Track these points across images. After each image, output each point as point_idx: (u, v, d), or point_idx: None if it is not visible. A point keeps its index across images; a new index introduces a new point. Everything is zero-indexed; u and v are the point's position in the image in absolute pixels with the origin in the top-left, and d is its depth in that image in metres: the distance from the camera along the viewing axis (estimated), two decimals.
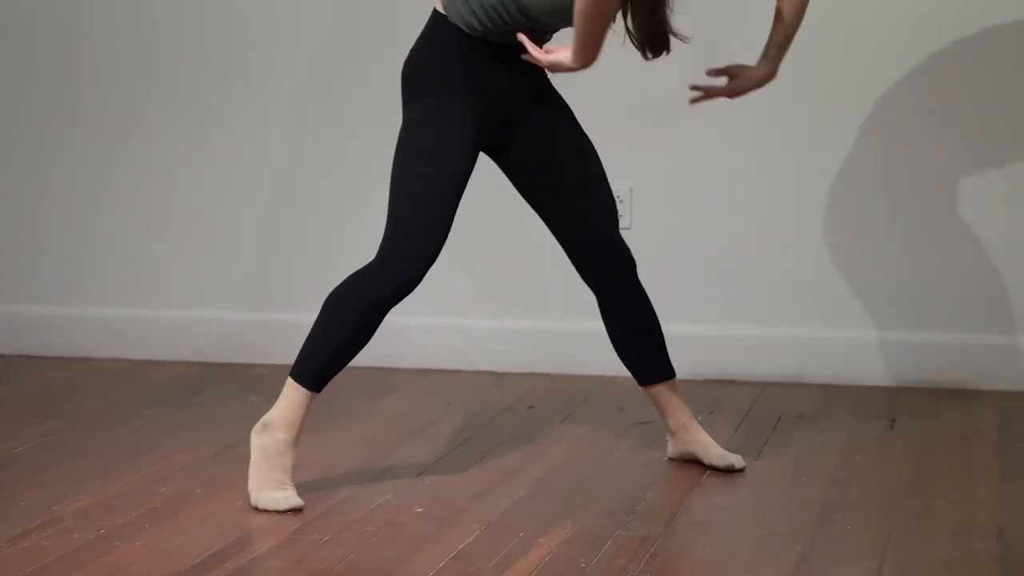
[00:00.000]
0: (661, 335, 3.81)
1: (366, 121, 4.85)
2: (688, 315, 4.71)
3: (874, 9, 4.55)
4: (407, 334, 4.84)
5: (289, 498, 3.49)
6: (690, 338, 4.70)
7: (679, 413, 3.83)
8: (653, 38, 3.43)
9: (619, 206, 4.67)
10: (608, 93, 4.65)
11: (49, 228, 5.14)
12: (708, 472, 3.75)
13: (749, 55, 3.71)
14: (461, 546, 3.24)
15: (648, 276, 4.73)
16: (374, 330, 3.55)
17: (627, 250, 3.77)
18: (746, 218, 4.68)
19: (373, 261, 3.52)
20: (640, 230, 4.72)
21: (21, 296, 5.18)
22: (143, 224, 5.07)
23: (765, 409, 4.37)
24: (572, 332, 4.78)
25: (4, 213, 5.19)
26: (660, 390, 3.82)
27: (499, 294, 4.85)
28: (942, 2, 4.51)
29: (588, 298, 4.79)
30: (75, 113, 5.08)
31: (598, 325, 4.76)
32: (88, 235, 5.10)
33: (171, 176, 5.04)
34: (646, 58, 3.48)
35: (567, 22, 3.40)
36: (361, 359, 5.04)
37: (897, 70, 4.55)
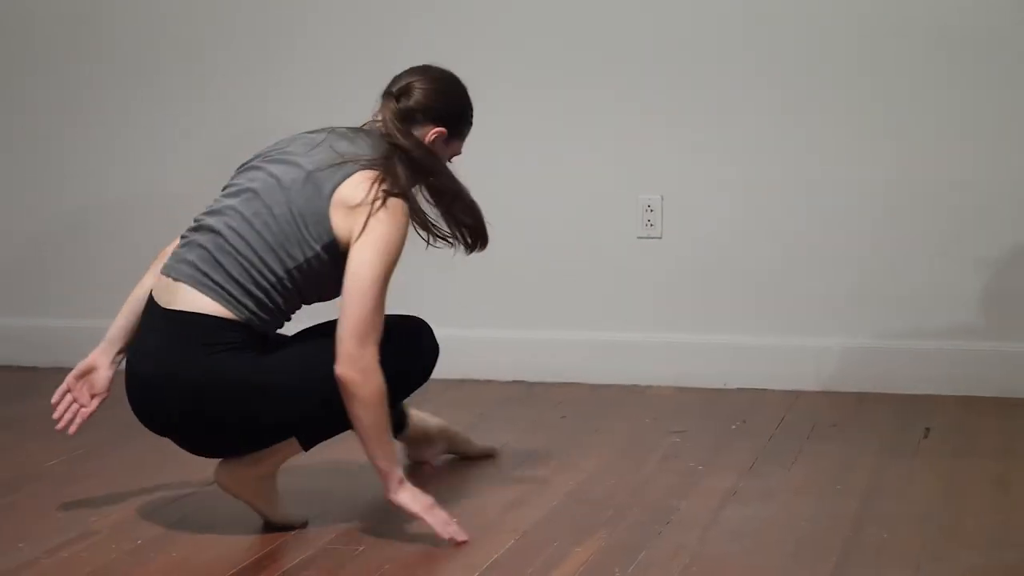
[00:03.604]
0: None
1: None
2: (721, 324, 4.71)
3: (898, 21, 4.54)
4: (439, 345, 4.84)
5: None
6: (723, 347, 4.70)
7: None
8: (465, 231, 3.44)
9: (650, 215, 4.72)
10: (639, 101, 4.66)
11: (87, 244, 5.16)
12: (741, 482, 3.74)
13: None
14: (496, 556, 3.24)
15: (680, 285, 4.76)
16: None
17: None
18: (778, 227, 4.67)
19: None
20: (671, 239, 4.72)
21: (55, 310, 5.19)
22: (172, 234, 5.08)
23: (799, 418, 4.35)
24: (604, 342, 4.78)
25: (45, 232, 5.21)
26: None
27: (531, 305, 4.85)
28: (962, 12, 4.49)
29: (619, 309, 4.80)
30: (75, 118, 5.10)
31: (630, 335, 4.77)
32: (121, 249, 5.11)
33: (186, 183, 5.05)
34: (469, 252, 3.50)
35: None
36: None
37: (925, 81, 4.54)
